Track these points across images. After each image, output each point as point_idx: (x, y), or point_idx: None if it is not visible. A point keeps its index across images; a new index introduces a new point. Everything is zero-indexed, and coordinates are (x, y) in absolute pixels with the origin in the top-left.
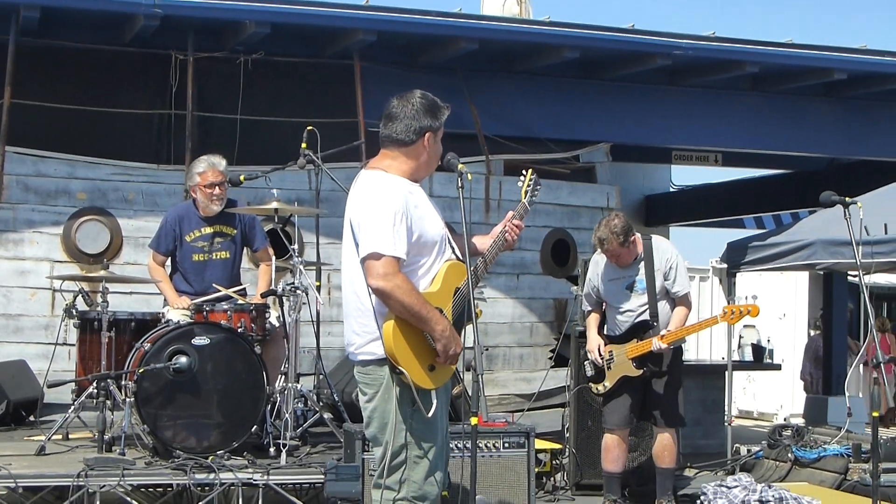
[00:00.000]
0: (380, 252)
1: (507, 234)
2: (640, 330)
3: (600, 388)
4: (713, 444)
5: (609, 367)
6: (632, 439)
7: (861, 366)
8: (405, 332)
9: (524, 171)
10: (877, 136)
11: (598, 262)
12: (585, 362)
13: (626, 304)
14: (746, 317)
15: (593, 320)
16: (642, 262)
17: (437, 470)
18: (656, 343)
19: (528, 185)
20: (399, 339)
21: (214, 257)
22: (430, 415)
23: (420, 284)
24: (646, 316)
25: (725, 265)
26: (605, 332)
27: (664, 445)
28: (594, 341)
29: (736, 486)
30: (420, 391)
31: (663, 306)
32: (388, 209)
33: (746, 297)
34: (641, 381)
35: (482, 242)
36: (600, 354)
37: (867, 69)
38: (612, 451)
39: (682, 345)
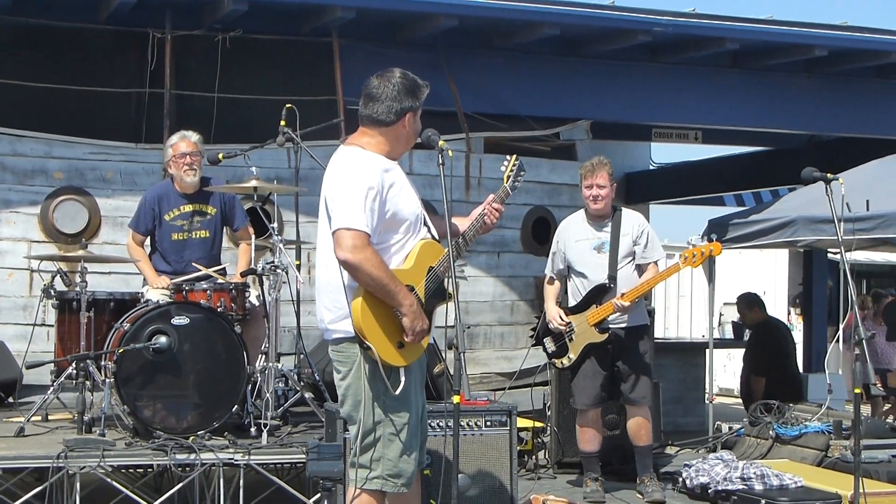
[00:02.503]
0: (350, 226)
1: (486, 217)
2: (598, 294)
3: (565, 361)
4: (694, 422)
5: (571, 339)
6: (612, 417)
7: (841, 343)
8: (374, 309)
9: (508, 156)
10: (857, 113)
11: (567, 225)
12: (546, 339)
13: (590, 267)
14: (688, 267)
15: (552, 292)
16: (609, 226)
17: (412, 448)
18: (617, 302)
19: (512, 170)
20: (367, 315)
21: (194, 236)
22: (397, 392)
23: (392, 262)
24: (604, 279)
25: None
26: (565, 305)
27: (639, 423)
28: (553, 310)
29: (717, 464)
30: (389, 368)
31: (625, 272)
32: (361, 185)
33: (704, 238)
34: (609, 355)
35: (461, 223)
36: (562, 320)
37: (848, 46)
38: (587, 432)
39: (650, 316)
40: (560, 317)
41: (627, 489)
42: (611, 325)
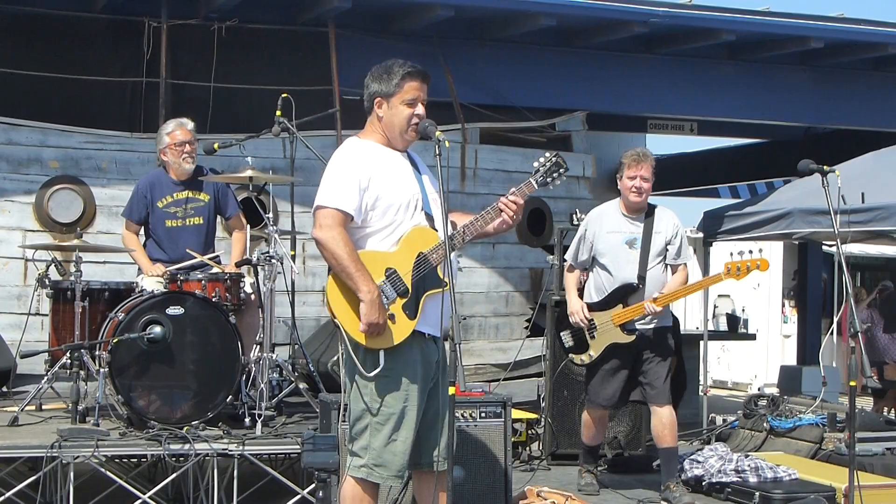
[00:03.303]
0: (322, 204)
1: (501, 207)
2: (625, 293)
3: (584, 358)
4: (688, 414)
5: (592, 336)
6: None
7: (836, 335)
8: (344, 287)
9: (548, 153)
10: (853, 105)
11: (600, 213)
12: (563, 333)
13: (619, 262)
14: (731, 279)
15: (573, 281)
16: (644, 223)
17: (400, 440)
18: (649, 306)
19: (544, 165)
20: (336, 293)
21: (188, 223)
22: (370, 374)
23: (379, 246)
24: (633, 279)
25: (701, 235)
26: (584, 299)
27: (664, 423)
28: (576, 303)
29: (712, 456)
30: (367, 350)
31: (655, 272)
32: (340, 166)
33: (750, 252)
34: (633, 356)
35: (461, 220)
36: (585, 317)
37: (844, 38)
38: (592, 428)
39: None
40: (584, 313)
41: (621, 480)
42: (638, 327)
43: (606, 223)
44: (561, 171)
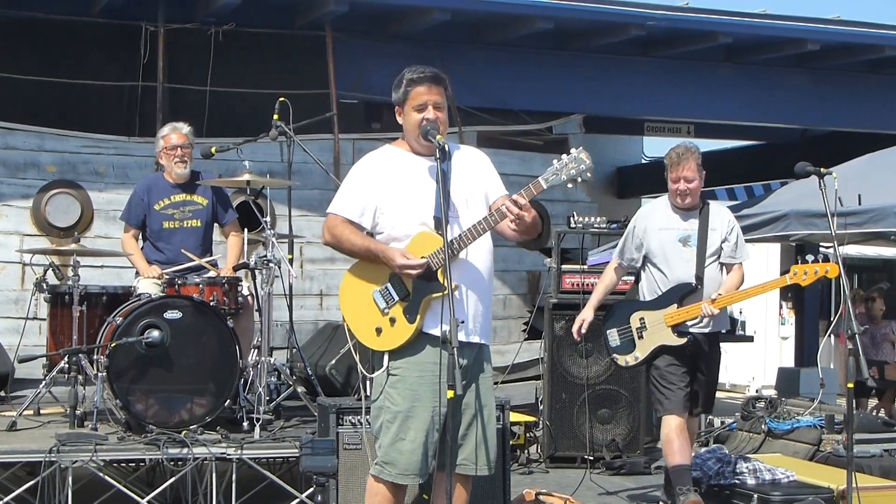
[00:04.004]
0: (328, 211)
1: (506, 215)
2: (681, 294)
3: (629, 359)
4: None
5: (641, 336)
6: (604, 412)
7: (833, 337)
8: (353, 292)
9: (574, 150)
10: (849, 107)
11: (650, 211)
12: (609, 331)
13: (673, 261)
14: (796, 283)
15: (605, 281)
16: (697, 219)
17: (409, 440)
18: (707, 307)
19: (561, 162)
20: (347, 298)
21: (185, 225)
22: (372, 375)
23: None
24: (689, 278)
25: None
26: (637, 297)
27: (692, 431)
28: (586, 311)
29: (710, 458)
30: (373, 353)
31: (711, 271)
32: (350, 174)
33: (817, 258)
34: (687, 358)
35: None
36: (580, 330)
37: (840, 40)
38: (675, 442)
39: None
40: (582, 326)
41: (619, 483)
42: (691, 330)
43: (657, 220)
44: (582, 167)
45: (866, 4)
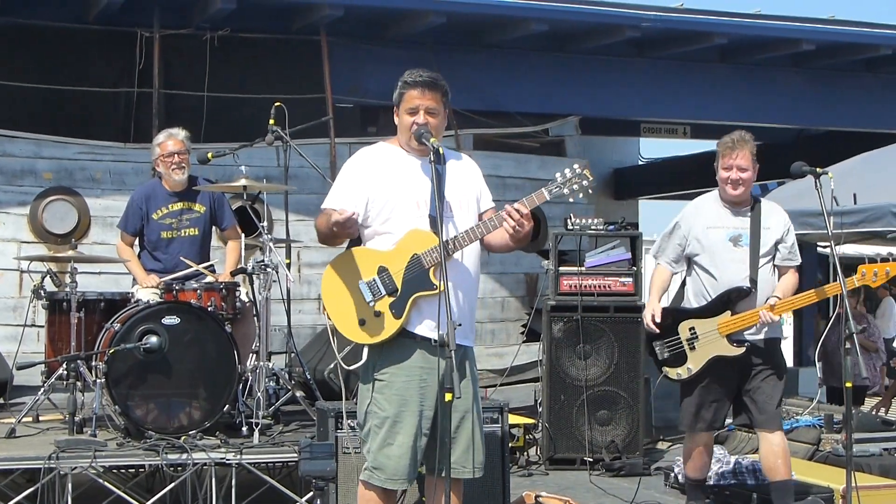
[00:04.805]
0: (322, 206)
1: (505, 220)
2: (734, 299)
3: (681, 372)
4: None
5: (692, 347)
6: (603, 413)
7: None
8: (337, 282)
9: (577, 165)
10: (845, 107)
11: (698, 207)
12: (656, 343)
13: (722, 262)
14: (865, 285)
15: (658, 282)
16: (749, 217)
17: (395, 444)
18: (765, 314)
19: (565, 175)
20: (329, 287)
21: (183, 234)
22: (351, 368)
23: (378, 246)
24: (742, 282)
25: None
26: (683, 304)
27: (776, 452)
28: (652, 303)
29: None
30: (346, 341)
31: (764, 274)
32: (344, 168)
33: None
34: (737, 372)
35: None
36: (655, 322)
37: (835, 40)
38: (698, 459)
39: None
40: (655, 318)
41: (618, 485)
42: (748, 338)
43: (705, 217)
44: (585, 182)
45: (861, 4)
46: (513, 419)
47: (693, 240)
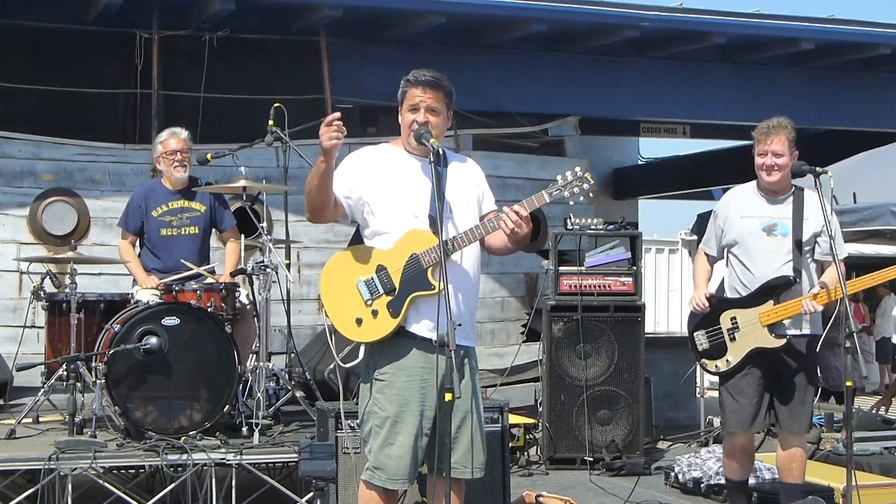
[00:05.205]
0: None
1: (503, 221)
2: (779, 288)
3: (720, 364)
4: (685, 417)
5: (733, 338)
6: (603, 413)
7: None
8: (335, 280)
9: (579, 168)
10: (844, 106)
11: (733, 196)
12: (697, 333)
13: (756, 252)
14: None
15: (702, 271)
16: (790, 206)
17: (396, 444)
18: (808, 304)
19: (566, 178)
20: (328, 285)
21: (183, 232)
22: (348, 365)
23: (376, 245)
24: (786, 270)
25: (695, 237)
26: (720, 294)
27: (795, 455)
28: (699, 288)
29: (710, 458)
30: (349, 343)
31: (807, 265)
32: (344, 160)
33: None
34: (773, 367)
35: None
36: (703, 302)
37: (834, 39)
38: (738, 459)
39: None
40: (703, 298)
41: (618, 484)
42: (789, 332)
43: (740, 206)
44: (585, 186)
45: (860, 3)
46: (513, 419)
47: (728, 229)
